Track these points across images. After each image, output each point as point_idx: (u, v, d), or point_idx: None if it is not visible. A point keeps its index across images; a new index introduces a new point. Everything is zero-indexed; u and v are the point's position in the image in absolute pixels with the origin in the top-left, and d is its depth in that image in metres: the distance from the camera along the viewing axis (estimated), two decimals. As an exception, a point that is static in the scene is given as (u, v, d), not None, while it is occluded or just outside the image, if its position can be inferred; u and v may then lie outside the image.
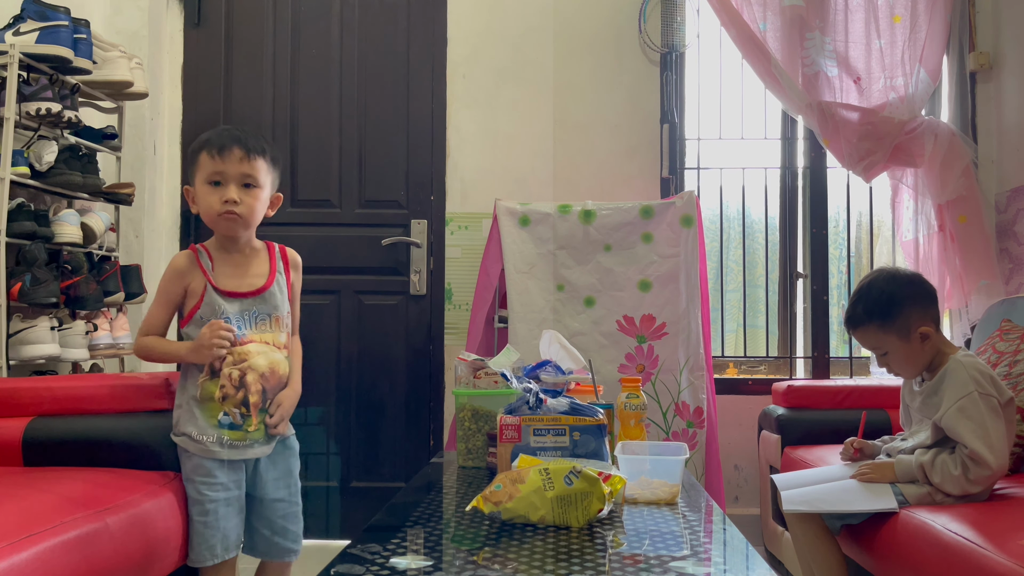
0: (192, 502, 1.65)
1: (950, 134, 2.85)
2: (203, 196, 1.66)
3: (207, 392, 1.65)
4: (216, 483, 1.64)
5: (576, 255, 2.70)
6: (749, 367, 3.13)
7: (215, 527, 1.64)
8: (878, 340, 1.79)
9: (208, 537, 1.63)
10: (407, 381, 3.03)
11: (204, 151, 1.65)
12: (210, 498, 1.64)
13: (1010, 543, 1.31)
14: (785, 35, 2.90)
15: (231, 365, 1.65)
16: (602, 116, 3.03)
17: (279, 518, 1.73)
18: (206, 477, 1.64)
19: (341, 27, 3.10)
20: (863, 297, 1.80)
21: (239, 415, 1.66)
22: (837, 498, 1.73)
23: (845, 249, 3.16)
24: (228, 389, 1.64)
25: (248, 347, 1.67)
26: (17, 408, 1.83)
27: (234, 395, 1.65)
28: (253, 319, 1.70)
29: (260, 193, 1.69)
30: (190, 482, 1.66)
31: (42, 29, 2.28)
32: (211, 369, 1.65)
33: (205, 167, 1.65)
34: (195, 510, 1.65)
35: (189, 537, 1.66)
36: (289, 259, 1.81)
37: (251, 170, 1.66)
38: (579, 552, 1.21)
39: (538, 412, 1.65)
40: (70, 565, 1.31)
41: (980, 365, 1.70)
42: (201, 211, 1.69)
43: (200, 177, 1.66)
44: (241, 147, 1.64)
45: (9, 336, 2.19)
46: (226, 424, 1.65)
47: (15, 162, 2.21)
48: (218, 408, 1.64)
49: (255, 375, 1.67)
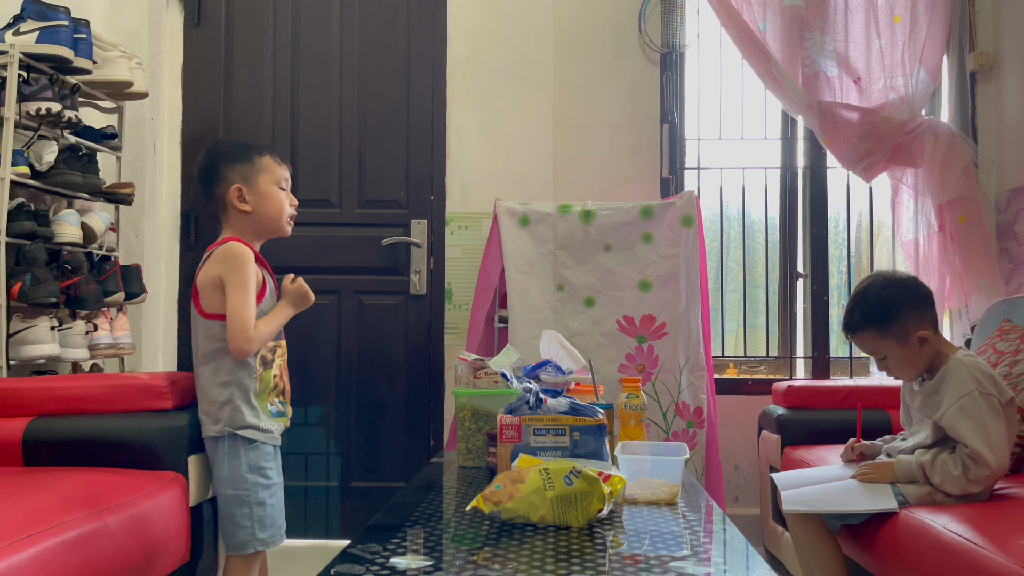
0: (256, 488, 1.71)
1: (950, 134, 2.85)
2: (276, 197, 1.80)
3: (263, 381, 1.75)
4: (274, 468, 1.76)
5: (576, 255, 2.70)
6: (749, 367, 3.13)
7: (279, 507, 1.76)
8: (876, 345, 1.79)
9: (277, 517, 1.74)
10: (407, 381, 3.03)
11: (269, 156, 1.81)
12: (273, 481, 1.75)
13: (1010, 543, 1.31)
14: (785, 35, 2.90)
15: (280, 356, 1.80)
16: (602, 116, 3.03)
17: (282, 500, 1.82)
18: (270, 463, 1.75)
19: (341, 27, 3.10)
20: (860, 303, 1.81)
21: (280, 403, 1.80)
22: (837, 498, 1.73)
23: (845, 249, 3.16)
24: (279, 379, 1.79)
25: (282, 342, 1.83)
26: (17, 408, 1.83)
27: (281, 385, 1.80)
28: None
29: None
30: (252, 470, 1.72)
31: (42, 29, 2.28)
32: (263, 361, 1.75)
33: (274, 171, 1.81)
34: (261, 495, 1.72)
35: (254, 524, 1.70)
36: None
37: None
38: (579, 552, 1.21)
39: (538, 412, 1.65)
40: (70, 565, 1.31)
41: (981, 364, 1.70)
42: (269, 209, 1.80)
43: (268, 179, 1.80)
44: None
45: (9, 336, 2.19)
46: (275, 413, 1.78)
47: (15, 162, 2.21)
48: (267, 398, 1.76)
49: (286, 369, 1.84)
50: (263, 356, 1.75)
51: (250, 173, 1.79)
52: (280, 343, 1.80)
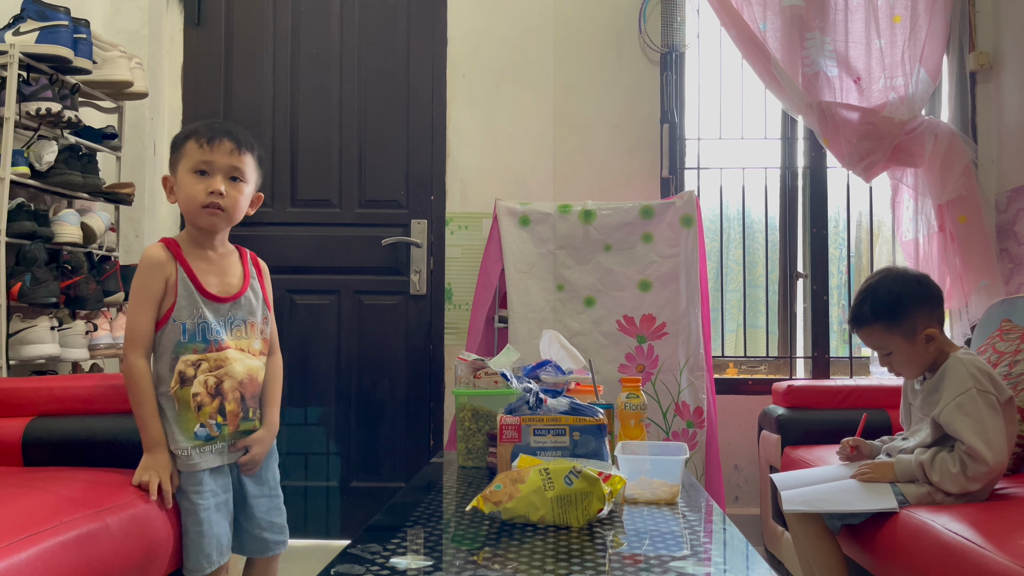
0: (185, 512, 1.60)
1: (950, 134, 2.85)
2: (187, 185, 1.59)
3: (181, 400, 1.58)
4: (205, 490, 1.60)
5: (576, 255, 2.70)
6: (749, 367, 3.13)
7: (209, 534, 1.59)
8: (883, 340, 1.78)
9: (204, 545, 1.59)
10: (407, 381, 3.03)
11: (193, 139, 1.59)
12: (202, 506, 1.59)
13: (1010, 543, 1.31)
14: (785, 35, 2.90)
15: (206, 372, 1.58)
16: (602, 116, 3.03)
17: (263, 514, 1.71)
18: (196, 486, 1.59)
19: (341, 27, 3.10)
20: (870, 296, 1.79)
21: (215, 425, 1.60)
22: (837, 498, 1.73)
23: (845, 249, 3.16)
24: (203, 397, 1.58)
25: (226, 353, 1.61)
26: (17, 408, 1.83)
27: (209, 404, 1.59)
28: (230, 324, 1.64)
29: (245, 188, 1.64)
30: (181, 492, 1.60)
31: (42, 29, 2.28)
32: (181, 377, 1.57)
33: (192, 155, 1.58)
34: (189, 520, 1.60)
35: (184, 547, 1.61)
36: (260, 266, 1.76)
37: (239, 163, 1.61)
38: (579, 552, 1.21)
39: (538, 412, 1.65)
40: (70, 565, 1.31)
41: (979, 363, 1.70)
42: (181, 200, 1.61)
43: (185, 165, 1.59)
44: (232, 139, 1.60)
45: (9, 336, 2.19)
46: (202, 436, 1.59)
47: (15, 162, 2.21)
48: (194, 419, 1.58)
49: (233, 382, 1.62)
50: (180, 371, 1.57)
51: (175, 160, 1.61)
52: (207, 356, 1.59)
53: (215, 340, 1.60)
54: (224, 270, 1.67)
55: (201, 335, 1.59)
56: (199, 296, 1.60)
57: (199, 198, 1.59)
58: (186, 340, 1.58)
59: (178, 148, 1.62)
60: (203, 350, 1.59)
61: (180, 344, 1.58)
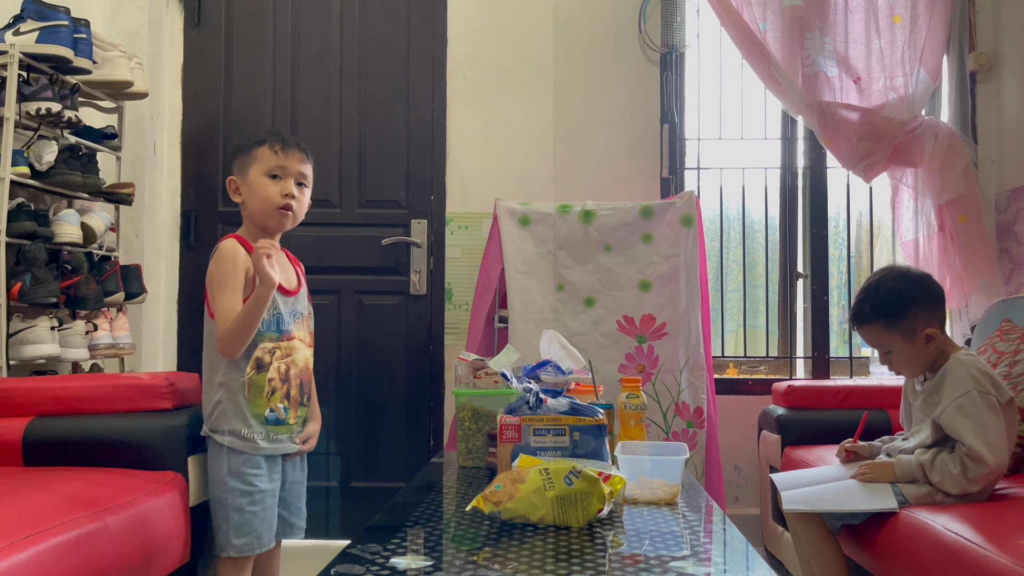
0: (239, 494, 1.66)
1: (950, 134, 2.85)
2: (262, 187, 1.70)
3: (255, 385, 1.67)
4: (263, 475, 1.69)
5: (576, 255, 2.70)
6: (749, 367, 3.13)
7: (264, 516, 1.68)
8: (883, 339, 1.78)
9: (258, 526, 1.67)
10: (407, 381, 3.03)
11: (266, 145, 1.71)
12: (259, 489, 1.67)
13: (1010, 543, 1.31)
14: (785, 35, 2.90)
15: (279, 359, 1.70)
16: (602, 116, 3.03)
17: (296, 499, 1.80)
18: (256, 469, 1.68)
19: (341, 27, 3.10)
20: (871, 295, 1.79)
21: (283, 409, 1.71)
22: (837, 498, 1.73)
23: (845, 249, 3.16)
24: (276, 383, 1.69)
25: (294, 342, 1.74)
26: (17, 408, 1.83)
27: (281, 388, 1.70)
28: (294, 316, 1.75)
29: (307, 194, 1.78)
30: (236, 476, 1.67)
31: (42, 29, 2.28)
32: (258, 363, 1.67)
33: (266, 160, 1.71)
34: (243, 502, 1.66)
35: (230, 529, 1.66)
36: (301, 267, 1.88)
37: (307, 171, 1.77)
38: (579, 552, 1.21)
39: (538, 412, 1.65)
40: (70, 565, 1.31)
41: (980, 364, 1.70)
42: (256, 201, 1.71)
43: (258, 169, 1.71)
44: (300, 149, 1.75)
45: (9, 336, 2.19)
46: (272, 420, 1.69)
47: (15, 162, 2.21)
48: (264, 404, 1.68)
49: (297, 369, 1.74)
50: (258, 358, 1.67)
51: (245, 164, 1.73)
52: (280, 344, 1.71)
53: (287, 330, 1.72)
54: (284, 267, 1.78)
55: (276, 325, 1.70)
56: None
57: (275, 200, 1.71)
58: (264, 329, 1.68)
59: (248, 152, 1.73)
60: (277, 339, 1.70)
61: (258, 333, 1.67)
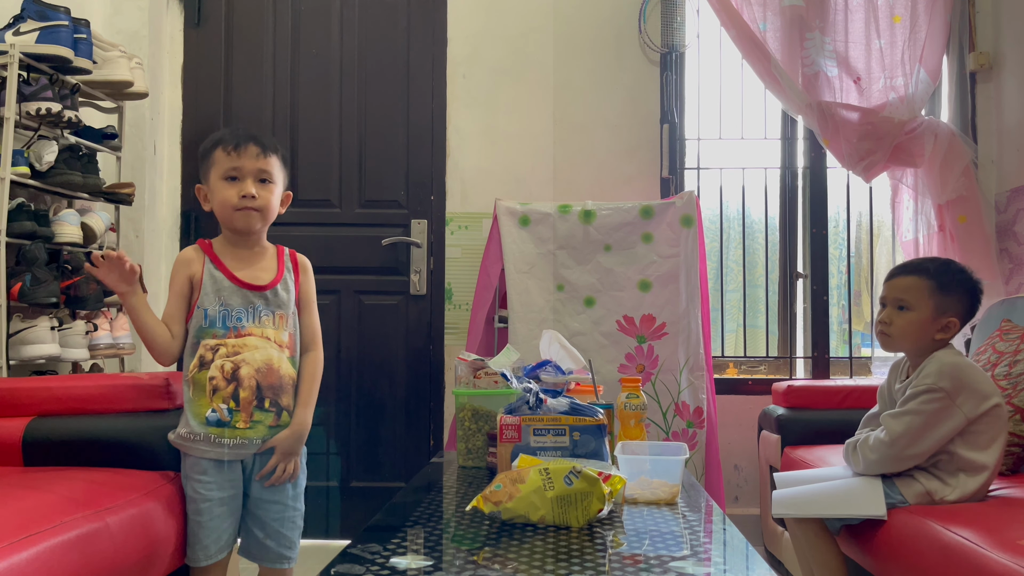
0: (188, 500, 1.65)
1: (950, 134, 2.85)
2: (220, 191, 1.67)
3: (197, 384, 1.63)
4: (210, 482, 1.63)
5: (576, 255, 2.70)
6: (749, 367, 3.13)
7: (208, 527, 1.63)
8: (914, 296, 1.75)
9: (202, 537, 1.63)
10: (407, 381, 3.03)
11: (220, 148, 1.66)
12: (204, 497, 1.63)
13: (1010, 543, 1.31)
14: (785, 35, 2.90)
15: (224, 357, 1.62)
16: (602, 116, 3.03)
17: (272, 520, 1.69)
18: (200, 476, 1.63)
19: (341, 27, 3.10)
20: (936, 261, 1.81)
21: (226, 411, 1.62)
22: (826, 501, 1.74)
23: (845, 249, 3.16)
24: (218, 381, 1.62)
25: (245, 339, 1.65)
26: (17, 408, 1.83)
27: (224, 388, 1.62)
28: (255, 313, 1.67)
29: (275, 189, 1.71)
30: (187, 480, 1.65)
31: (42, 29, 2.28)
32: (200, 361, 1.62)
33: (221, 163, 1.66)
34: (190, 509, 1.64)
35: (187, 536, 1.66)
36: (299, 263, 1.80)
37: (266, 166, 1.68)
38: (579, 552, 1.21)
39: (538, 412, 1.65)
40: (70, 565, 1.31)
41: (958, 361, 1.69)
42: (216, 206, 1.68)
43: (216, 173, 1.67)
44: (256, 144, 1.67)
45: (9, 336, 2.19)
46: (213, 421, 1.62)
47: (15, 162, 2.21)
48: (207, 404, 1.62)
49: (249, 369, 1.64)
50: (200, 355, 1.63)
51: (207, 169, 1.69)
52: (225, 341, 1.63)
53: (235, 327, 1.65)
54: (255, 264, 1.72)
55: (221, 321, 1.64)
56: (226, 281, 1.66)
57: (232, 202, 1.66)
58: (207, 325, 1.64)
59: (207, 157, 1.69)
60: (222, 335, 1.64)
61: (202, 329, 1.64)
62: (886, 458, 1.69)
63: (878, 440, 1.70)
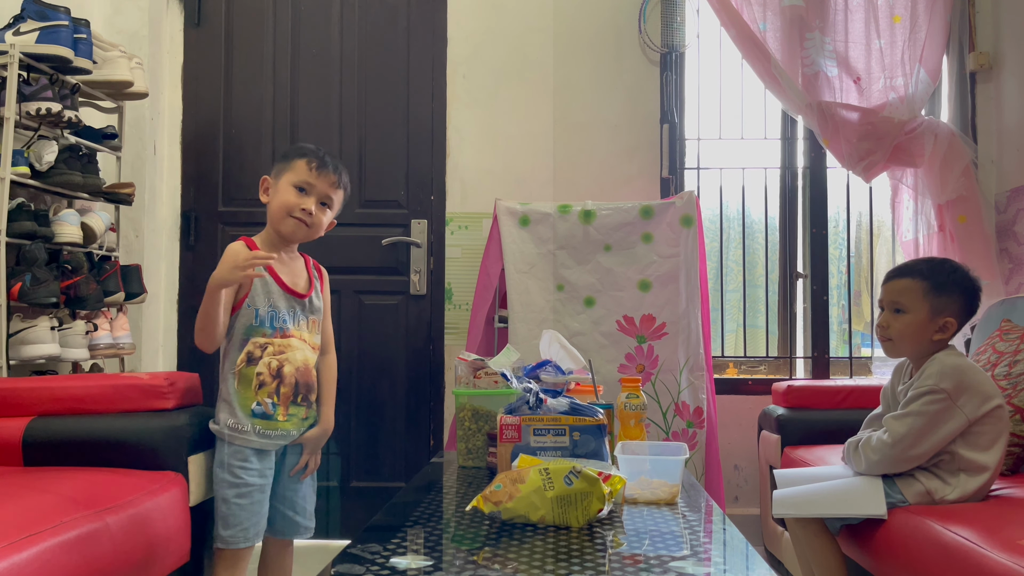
0: (228, 485, 1.70)
1: (950, 134, 2.85)
2: (285, 193, 1.76)
3: (244, 378, 1.71)
4: (253, 469, 1.71)
5: (576, 255, 2.70)
6: (749, 367, 3.13)
7: (250, 510, 1.70)
8: (910, 298, 1.76)
9: (244, 519, 1.69)
10: (407, 381, 3.03)
11: (305, 159, 1.77)
12: (246, 482, 1.70)
13: (1010, 543, 1.31)
14: (785, 35, 2.90)
15: (271, 355, 1.73)
16: (602, 116, 3.03)
17: (300, 498, 1.83)
18: (244, 463, 1.70)
19: (341, 27, 3.10)
20: (930, 262, 1.82)
21: (270, 404, 1.73)
22: (826, 501, 1.74)
23: (845, 249, 3.16)
24: (265, 377, 1.72)
25: (289, 340, 1.76)
26: (17, 408, 1.83)
27: (270, 383, 1.72)
28: (296, 317, 1.78)
29: (329, 215, 1.84)
30: (227, 467, 1.70)
31: (42, 29, 2.28)
32: (248, 356, 1.71)
33: (299, 172, 1.77)
34: (230, 493, 1.70)
35: (218, 520, 1.70)
36: (321, 272, 1.92)
37: (333, 195, 1.82)
38: (579, 552, 1.21)
39: (538, 412, 1.65)
40: (70, 565, 1.31)
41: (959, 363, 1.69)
42: (275, 204, 1.78)
43: (289, 178, 1.77)
44: (335, 173, 1.81)
45: (9, 336, 2.19)
46: (259, 414, 1.72)
47: (15, 162, 2.21)
48: (252, 397, 1.71)
49: (292, 368, 1.75)
50: (249, 352, 1.72)
51: (281, 169, 1.80)
52: (273, 340, 1.73)
53: (280, 328, 1.75)
54: (293, 271, 1.83)
55: (270, 321, 1.74)
56: (275, 285, 1.76)
57: (292, 208, 1.76)
58: (257, 324, 1.73)
59: (288, 160, 1.79)
60: (271, 335, 1.74)
61: (251, 328, 1.72)
62: (888, 459, 1.69)
63: (880, 441, 1.70)
